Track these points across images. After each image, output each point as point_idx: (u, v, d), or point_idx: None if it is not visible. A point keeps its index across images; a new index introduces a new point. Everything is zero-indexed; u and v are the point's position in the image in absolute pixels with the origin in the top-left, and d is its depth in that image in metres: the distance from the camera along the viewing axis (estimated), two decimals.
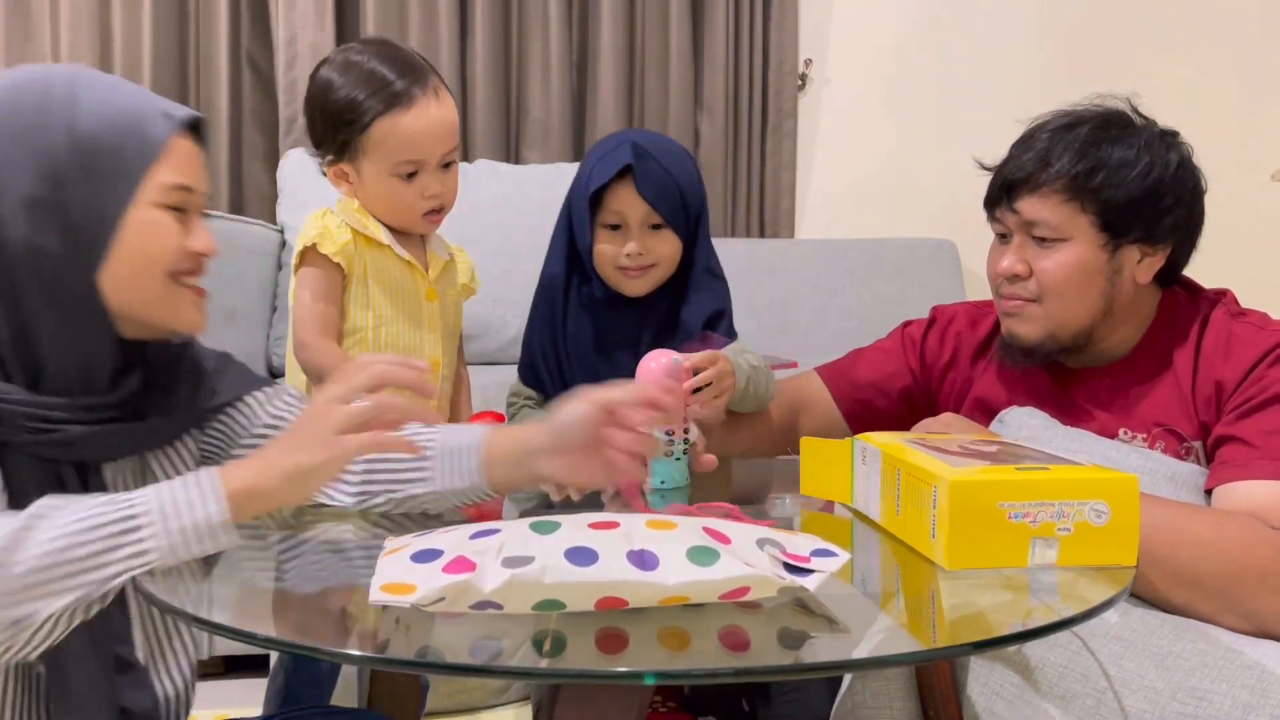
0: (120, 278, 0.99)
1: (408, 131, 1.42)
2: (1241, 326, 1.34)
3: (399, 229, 1.50)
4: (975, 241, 2.95)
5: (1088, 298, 1.35)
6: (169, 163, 1.00)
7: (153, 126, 1.00)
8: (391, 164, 1.44)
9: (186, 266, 1.03)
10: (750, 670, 0.75)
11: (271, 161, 2.78)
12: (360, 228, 1.47)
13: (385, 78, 1.43)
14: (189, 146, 1.03)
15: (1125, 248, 1.35)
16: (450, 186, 1.50)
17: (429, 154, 1.45)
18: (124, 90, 1.02)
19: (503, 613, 0.73)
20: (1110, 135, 1.35)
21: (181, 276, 1.03)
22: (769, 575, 0.75)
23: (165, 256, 1.01)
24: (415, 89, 1.43)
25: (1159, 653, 1.08)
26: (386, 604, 0.73)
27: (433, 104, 1.44)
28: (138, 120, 1.00)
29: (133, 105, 1.01)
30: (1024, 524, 0.89)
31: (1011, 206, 1.37)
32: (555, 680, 1.01)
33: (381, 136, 1.42)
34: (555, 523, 0.79)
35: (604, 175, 1.43)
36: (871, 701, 1.20)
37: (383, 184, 1.45)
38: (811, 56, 3.13)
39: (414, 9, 2.81)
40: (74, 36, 2.65)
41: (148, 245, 1.00)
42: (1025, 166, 1.35)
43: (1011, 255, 1.38)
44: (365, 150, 1.44)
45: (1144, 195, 1.33)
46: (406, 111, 1.42)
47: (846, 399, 1.57)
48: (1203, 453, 1.32)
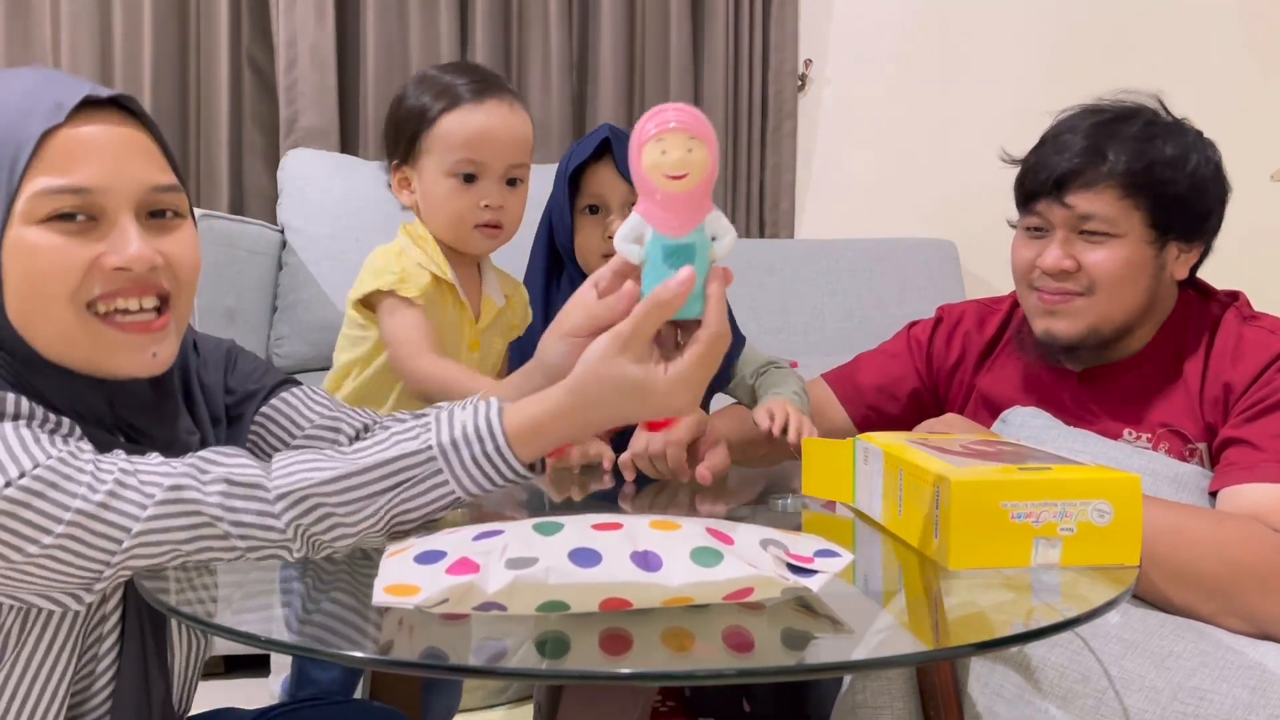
0: (20, 316, 0.85)
1: (471, 126, 1.37)
2: (1252, 330, 1.34)
3: (454, 245, 1.42)
4: (975, 241, 2.97)
5: (1135, 293, 1.35)
6: (48, 164, 0.83)
7: (28, 125, 0.83)
8: (452, 161, 1.38)
9: (99, 290, 0.85)
10: (752, 671, 0.75)
11: (271, 161, 2.78)
12: (430, 265, 1.39)
13: (457, 83, 1.39)
14: (93, 134, 0.85)
15: (1169, 245, 1.35)
16: (512, 206, 1.42)
17: (491, 157, 1.38)
18: (15, 85, 0.86)
19: (506, 614, 0.73)
20: (1159, 132, 1.34)
21: (107, 302, 0.85)
22: (773, 576, 0.75)
23: (54, 283, 0.83)
24: (489, 93, 1.39)
25: (1160, 653, 1.08)
26: (390, 605, 0.73)
27: (505, 108, 1.39)
28: (15, 123, 0.83)
29: (16, 104, 0.84)
30: (1027, 524, 0.89)
31: (1061, 200, 1.34)
32: (557, 682, 1.01)
33: (445, 131, 1.37)
34: (558, 524, 0.79)
35: (582, 154, 1.43)
36: (872, 701, 1.20)
37: (440, 184, 1.39)
38: (811, 56, 3.13)
39: (414, 9, 2.81)
40: (74, 37, 2.65)
41: (28, 273, 0.83)
42: (1074, 160, 1.33)
43: (1057, 249, 1.35)
44: (428, 148, 1.39)
45: (1191, 193, 1.33)
46: (475, 108, 1.37)
47: (855, 405, 1.57)
48: (1207, 454, 1.32)
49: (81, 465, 0.81)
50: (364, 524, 0.86)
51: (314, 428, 1.06)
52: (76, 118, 0.85)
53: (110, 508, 0.80)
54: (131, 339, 0.87)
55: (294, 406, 1.07)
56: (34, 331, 0.86)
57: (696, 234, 0.88)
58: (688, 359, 0.86)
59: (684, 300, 0.86)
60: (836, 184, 3.18)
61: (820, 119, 3.17)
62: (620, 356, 0.86)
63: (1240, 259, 2.34)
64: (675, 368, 0.86)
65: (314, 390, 1.11)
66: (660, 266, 0.88)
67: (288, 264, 2.52)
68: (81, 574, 0.81)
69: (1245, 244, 2.74)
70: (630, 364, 0.86)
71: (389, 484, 0.86)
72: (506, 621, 0.73)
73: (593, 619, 0.73)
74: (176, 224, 0.91)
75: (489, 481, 0.88)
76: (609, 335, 0.87)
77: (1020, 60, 3.15)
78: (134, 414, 0.92)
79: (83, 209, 0.84)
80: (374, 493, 0.85)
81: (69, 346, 0.86)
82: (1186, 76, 3.08)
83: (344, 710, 1.19)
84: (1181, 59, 3.12)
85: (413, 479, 0.86)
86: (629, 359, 0.86)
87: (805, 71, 3.13)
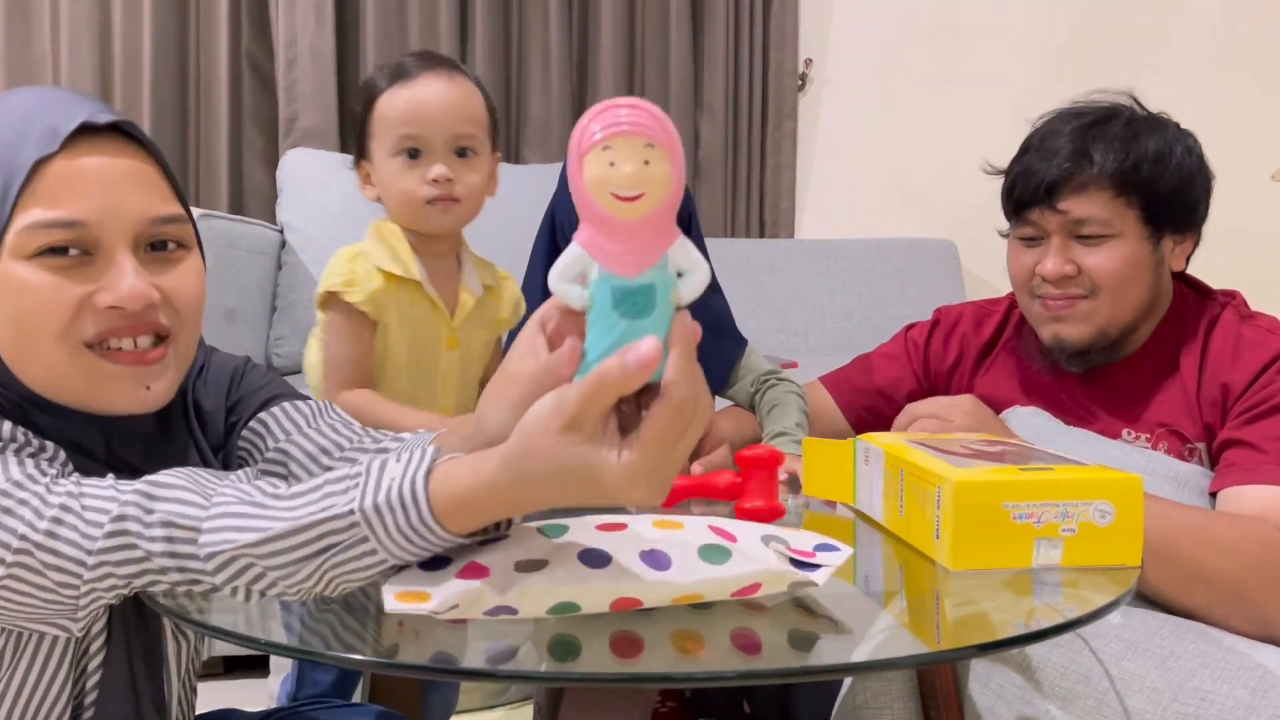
0: (10, 354, 0.82)
1: (405, 101, 1.34)
2: (1251, 329, 1.34)
3: (415, 228, 1.38)
4: (975, 241, 2.97)
5: (1139, 290, 1.35)
6: (41, 195, 0.79)
7: (19, 153, 0.79)
8: (394, 139, 1.34)
9: (93, 330, 0.81)
10: (752, 673, 0.75)
11: (271, 161, 2.78)
12: (390, 265, 1.35)
13: (402, 63, 1.37)
14: (88, 164, 0.81)
15: (1164, 238, 1.36)
16: (466, 177, 1.36)
17: (430, 129, 1.34)
18: (13, 107, 0.82)
19: (517, 617, 0.73)
20: (1141, 128, 1.35)
21: (102, 340, 0.82)
22: (780, 571, 0.75)
23: (44, 323, 0.80)
24: (425, 68, 1.36)
25: (1161, 653, 1.08)
26: (402, 612, 0.72)
27: (441, 80, 1.36)
28: (6, 149, 0.79)
29: (10, 128, 0.80)
30: (1028, 524, 0.89)
31: (1054, 207, 1.34)
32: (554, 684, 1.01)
33: (383, 110, 1.35)
34: (563, 526, 0.79)
35: None
36: (873, 702, 1.20)
37: (388, 165, 1.36)
38: (811, 56, 3.13)
39: (414, 9, 2.81)
40: (74, 38, 2.65)
41: (15, 312, 0.80)
42: (1063, 166, 1.33)
43: (1056, 256, 1.35)
44: (374, 132, 1.37)
45: (1181, 185, 1.34)
46: (408, 83, 1.35)
47: (852, 407, 1.57)
48: (1206, 454, 1.32)
49: (30, 494, 0.77)
50: (303, 584, 0.76)
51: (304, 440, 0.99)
52: (72, 145, 0.80)
53: (57, 536, 0.76)
54: (125, 371, 0.83)
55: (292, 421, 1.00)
56: (24, 368, 0.82)
57: (656, 272, 0.67)
58: (646, 442, 0.66)
59: (646, 378, 0.66)
60: (836, 184, 3.18)
61: (820, 119, 3.17)
62: (564, 435, 0.67)
63: (1240, 259, 2.35)
64: (630, 456, 0.67)
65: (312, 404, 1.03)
66: (609, 315, 0.68)
67: (287, 264, 2.52)
68: (51, 604, 0.77)
69: (1245, 244, 2.75)
70: (574, 444, 0.67)
71: (316, 548, 0.75)
72: (509, 623, 0.73)
73: (600, 621, 0.73)
74: (179, 256, 0.86)
75: (423, 551, 0.75)
76: (551, 402, 0.68)
77: (1020, 60, 3.15)
78: (131, 453, 0.88)
79: (76, 243, 0.80)
80: (303, 557, 0.75)
81: (61, 384, 0.82)
82: (1187, 76, 3.09)
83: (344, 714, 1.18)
84: (1182, 58, 3.13)
85: (340, 544, 0.74)
86: (575, 439, 0.67)
87: (805, 71, 3.13)
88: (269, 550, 0.75)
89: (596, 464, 0.67)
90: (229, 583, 0.77)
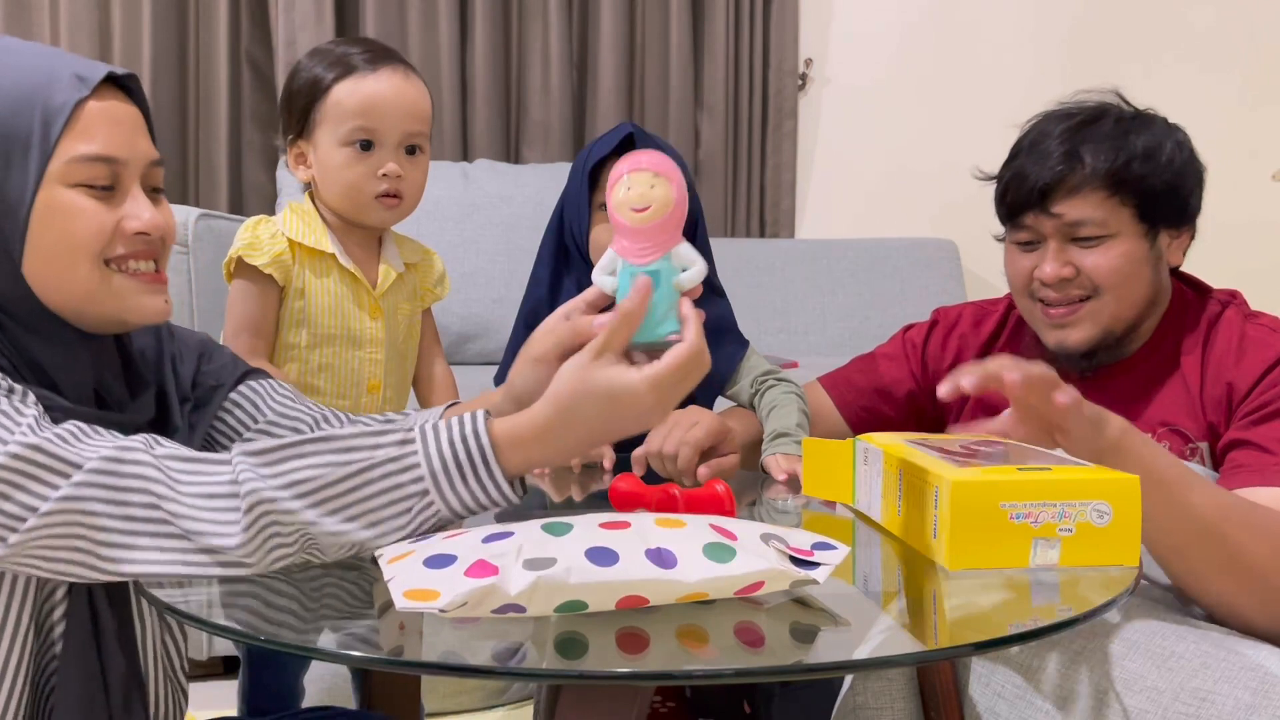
0: (43, 273, 0.90)
1: (365, 93, 1.37)
2: (1255, 329, 1.34)
3: (352, 219, 1.43)
4: (975, 241, 2.97)
5: (1140, 287, 1.35)
6: (80, 132, 0.89)
7: (57, 94, 0.88)
8: (347, 129, 1.37)
9: (121, 250, 0.92)
10: (751, 671, 0.75)
11: (271, 161, 2.78)
12: (302, 236, 1.40)
13: (350, 53, 1.39)
14: (111, 108, 0.91)
15: (1160, 234, 1.36)
16: (412, 175, 1.41)
17: (386, 124, 1.38)
18: (27, 55, 0.91)
19: (525, 615, 0.73)
20: (1129, 126, 1.35)
21: (121, 261, 0.92)
22: (782, 569, 0.75)
23: (87, 243, 0.90)
24: (382, 61, 1.39)
25: (1161, 653, 1.08)
26: (413, 610, 0.72)
27: (399, 77, 1.39)
28: (38, 89, 0.88)
29: (35, 71, 0.89)
30: (1026, 524, 0.89)
31: (1048, 211, 1.33)
32: (551, 681, 1.01)
33: (338, 99, 1.37)
34: (568, 524, 0.80)
35: (603, 150, 1.41)
36: (873, 702, 1.20)
37: (335, 154, 1.38)
38: (811, 56, 3.13)
39: (414, 9, 2.82)
40: (74, 36, 2.65)
41: (62, 232, 0.89)
42: (1055, 169, 1.33)
43: (1054, 260, 1.34)
44: (322, 119, 1.38)
45: (1173, 180, 1.34)
46: (368, 76, 1.37)
47: (851, 408, 1.57)
48: (1208, 454, 1.32)
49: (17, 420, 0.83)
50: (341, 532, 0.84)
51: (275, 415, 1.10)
52: (96, 91, 0.90)
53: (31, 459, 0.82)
54: (146, 286, 0.94)
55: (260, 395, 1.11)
56: (54, 288, 0.90)
57: (662, 262, 0.94)
58: (665, 363, 0.88)
59: (644, 305, 0.90)
60: (836, 184, 3.19)
61: (821, 119, 3.17)
62: (594, 364, 0.88)
63: (1240, 258, 2.35)
64: (651, 369, 0.87)
65: (279, 384, 1.14)
66: (629, 291, 0.93)
67: None
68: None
69: (1245, 243, 2.75)
70: (603, 367, 0.88)
71: (375, 489, 0.85)
72: (508, 623, 0.73)
73: (605, 619, 0.74)
74: (161, 198, 0.98)
75: (473, 492, 0.87)
76: (583, 350, 0.89)
77: (1021, 59, 3.15)
78: (113, 378, 0.97)
79: (107, 177, 0.91)
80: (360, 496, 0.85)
81: (89, 302, 0.91)
82: (1188, 76, 3.09)
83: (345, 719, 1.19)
84: (1183, 58, 3.13)
85: (395, 482, 0.85)
86: (602, 363, 0.88)
87: (806, 71, 3.13)
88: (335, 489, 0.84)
89: (621, 378, 0.87)
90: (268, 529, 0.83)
